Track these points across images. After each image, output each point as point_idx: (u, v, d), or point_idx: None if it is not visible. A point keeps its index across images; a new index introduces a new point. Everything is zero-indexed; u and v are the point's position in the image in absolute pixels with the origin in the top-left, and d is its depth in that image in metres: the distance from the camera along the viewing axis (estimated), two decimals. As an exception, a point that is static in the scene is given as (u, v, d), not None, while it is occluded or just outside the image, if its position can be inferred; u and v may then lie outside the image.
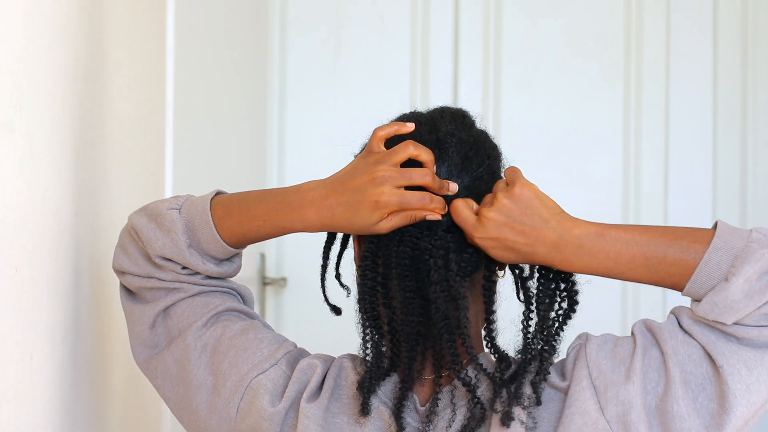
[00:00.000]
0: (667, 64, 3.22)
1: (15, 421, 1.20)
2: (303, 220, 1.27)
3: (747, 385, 1.18)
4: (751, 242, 1.18)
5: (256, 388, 1.28)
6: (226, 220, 1.30)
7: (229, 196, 1.33)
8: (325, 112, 3.21)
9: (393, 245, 1.25)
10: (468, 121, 1.31)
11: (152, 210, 1.33)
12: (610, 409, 1.20)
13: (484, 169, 1.28)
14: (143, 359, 1.34)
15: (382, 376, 1.26)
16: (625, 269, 1.22)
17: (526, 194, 1.22)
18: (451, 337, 1.23)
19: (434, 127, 1.28)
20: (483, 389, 1.25)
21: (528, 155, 3.01)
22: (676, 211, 3.20)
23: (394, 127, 1.27)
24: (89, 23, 1.49)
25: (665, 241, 1.21)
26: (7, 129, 1.16)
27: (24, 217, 1.22)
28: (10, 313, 1.18)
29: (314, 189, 1.26)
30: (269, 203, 1.29)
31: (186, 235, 1.30)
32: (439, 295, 1.22)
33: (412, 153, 1.24)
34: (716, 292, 1.18)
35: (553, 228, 1.21)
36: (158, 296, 1.33)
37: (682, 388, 1.19)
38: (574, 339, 1.27)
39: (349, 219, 1.24)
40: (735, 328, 1.18)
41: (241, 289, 1.38)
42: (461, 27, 3.24)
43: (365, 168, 1.24)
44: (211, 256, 1.32)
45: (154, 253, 1.31)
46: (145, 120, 1.90)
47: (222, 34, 2.62)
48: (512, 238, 1.22)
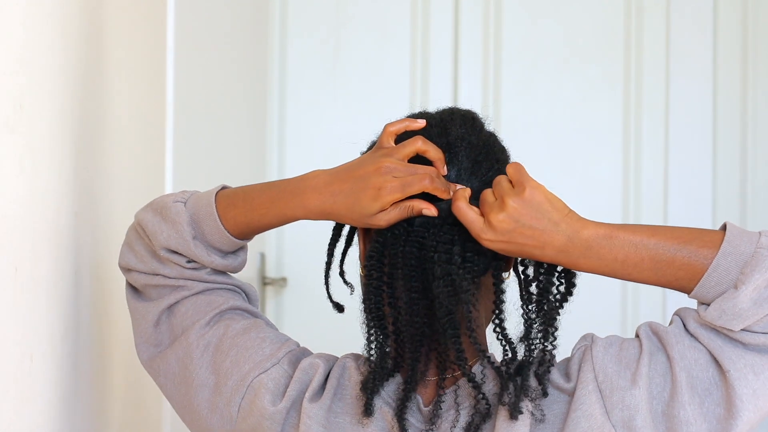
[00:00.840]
0: (667, 64, 3.22)
1: (15, 421, 1.20)
2: (304, 206, 1.26)
3: (754, 390, 1.18)
4: (760, 248, 1.18)
5: (258, 388, 1.28)
6: (230, 211, 1.30)
7: (233, 189, 1.33)
8: (325, 112, 3.21)
9: (399, 245, 1.24)
10: (478, 124, 1.30)
11: (158, 204, 1.34)
12: (615, 414, 1.20)
13: (493, 173, 1.27)
14: (147, 357, 1.34)
15: (386, 377, 1.26)
16: (632, 271, 1.22)
17: (536, 198, 1.20)
18: (455, 332, 1.22)
19: (444, 130, 1.28)
20: (488, 384, 1.25)
21: (528, 155, 3.00)
22: (676, 212, 3.20)
23: (405, 122, 1.27)
24: (89, 23, 1.49)
25: (674, 245, 1.20)
26: (7, 129, 1.16)
27: (24, 217, 1.22)
28: (10, 313, 1.18)
29: (318, 176, 1.27)
30: (273, 192, 1.29)
31: (191, 227, 1.31)
32: (443, 290, 1.22)
33: (420, 148, 1.24)
34: (725, 300, 1.18)
35: (563, 231, 1.20)
36: (163, 294, 1.33)
37: (688, 393, 1.19)
38: (579, 340, 1.26)
39: (350, 206, 1.24)
40: (742, 334, 1.18)
41: (245, 287, 1.38)
42: (461, 27, 3.24)
43: (372, 160, 1.24)
44: (216, 248, 1.32)
45: (159, 245, 1.31)
46: (145, 120, 1.90)
47: (222, 34, 2.62)
48: (521, 242, 1.21)
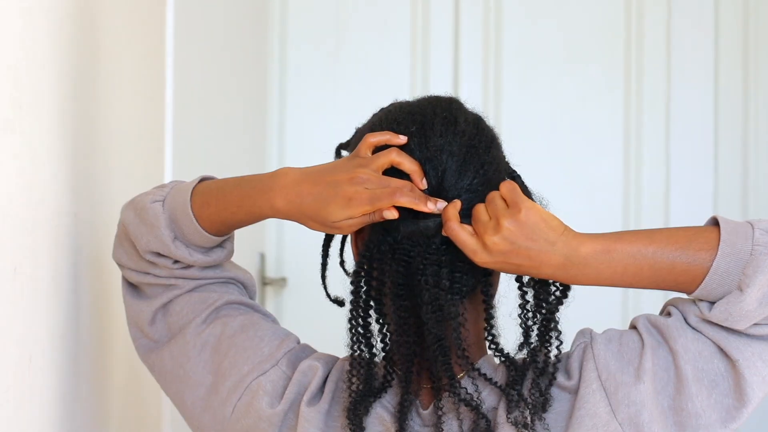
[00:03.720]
0: (668, 65, 3.22)
1: (15, 421, 1.19)
2: (271, 205, 1.24)
3: (763, 377, 1.19)
4: (756, 245, 1.18)
5: (256, 390, 1.27)
6: (205, 210, 1.28)
7: (208, 184, 1.31)
8: (325, 112, 3.21)
9: (387, 260, 1.23)
10: (460, 128, 1.27)
11: (138, 204, 1.31)
12: (621, 411, 1.19)
13: (479, 180, 1.24)
14: (144, 352, 1.34)
15: (373, 398, 1.24)
16: (632, 281, 1.21)
17: (532, 218, 1.18)
18: (446, 359, 1.21)
19: (425, 140, 1.24)
20: (487, 393, 1.24)
21: (528, 155, 3.00)
22: (676, 212, 3.20)
23: (386, 136, 1.24)
24: (89, 23, 1.49)
25: (671, 250, 1.20)
26: (7, 129, 1.16)
27: (24, 217, 1.21)
28: (10, 313, 1.18)
29: (287, 174, 1.24)
30: (243, 189, 1.27)
31: (169, 229, 1.28)
32: (431, 316, 1.20)
33: (394, 160, 1.21)
34: (731, 304, 1.17)
35: (560, 251, 1.18)
36: (157, 292, 1.32)
37: (695, 385, 1.19)
38: (576, 336, 1.26)
39: (317, 210, 1.21)
40: (748, 328, 1.19)
41: (240, 276, 1.36)
42: (461, 27, 3.24)
43: (346, 168, 1.22)
44: (198, 245, 1.30)
45: (141, 249, 1.30)
46: (144, 120, 1.90)
47: (222, 34, 2.62)
48: (517, 262, 1.19)
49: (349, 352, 1.25)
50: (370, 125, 1.30)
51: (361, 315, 1.24)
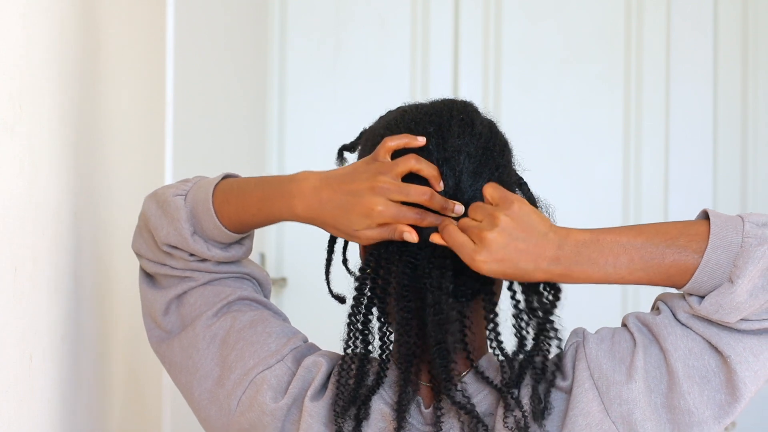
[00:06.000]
0: (667, 65, 3.22)
1: (15, 421, 1.19)
2: (291, 210, 1.25)
3: (755, 372, 1.19)
4: (747, 237, 1.18)
5: (260, 384, 1.28)
6: (226, 207, 1.29)
7: (230, 182, 1.32)
8: (325, 112, 3.21)
9: (393, 260, 1.24)
10: (477, 130, 1.28)
11: (160, 196, 1.33)
12: (614, 409, 1.20)
13: (494, 181, 1.25)
14: (155, 341, 1.35)
15: (361, 393, 1.24)
16: (624, 273, 1.21)
17: (525, 209, 1.20)
18: (443, 361, 1.22)
19: (442, 141, 1.26)
20: (487, 393, 1.25)
21: (528, 155, 3.00)
22: (676, 212, 3.20)
23: (405, 139, 1.24)
24: (89, 23, 1.49)
25: (661, 242, 1.20)
26: (7, 129, 1.16)
27: (24, 217, 1.22)
28: (10, 313, 1.18)
29: (308, 179, 1.25)
30: (264, 191, 1.28)
31: (189, 223, 1.30)
32: (433, 319, 1.21)
33: (413, 167, 1.22)
34: (721, 295, 1.18)
35: (552, 240, 1.19)
36: (172, 283, 1.33)
37: (686, 382, 1.19)
38: (570, 335, 1.26)
39: (337, 219, 1.22)
40: (738, 323, 1.19)
41: (256, 274, 1.37)
42: (461, 27, 3.24)
43: (367, 175, 1.22)
44: (216, 241, 1.31)
45: (160, 241, 1.31)
46: (144, 120, 1.90)
47: (222, 34, 2.62)
48: (515, 257, 1.19)
49: (343, 346, 1.26)
50: (385, 126, 1.30)
51: (362, 312, 1.25)
